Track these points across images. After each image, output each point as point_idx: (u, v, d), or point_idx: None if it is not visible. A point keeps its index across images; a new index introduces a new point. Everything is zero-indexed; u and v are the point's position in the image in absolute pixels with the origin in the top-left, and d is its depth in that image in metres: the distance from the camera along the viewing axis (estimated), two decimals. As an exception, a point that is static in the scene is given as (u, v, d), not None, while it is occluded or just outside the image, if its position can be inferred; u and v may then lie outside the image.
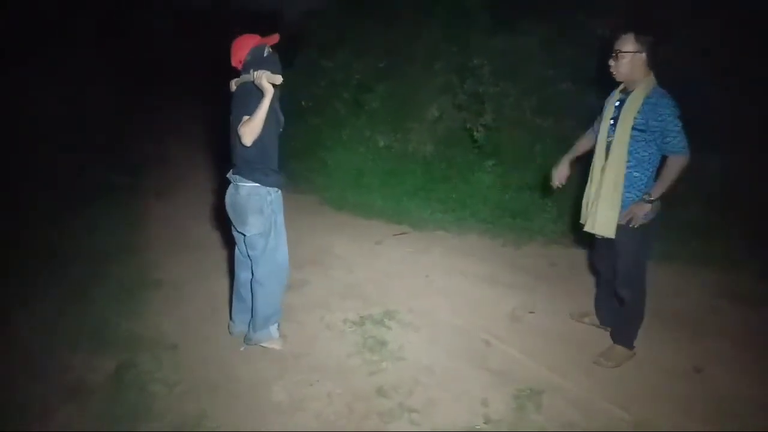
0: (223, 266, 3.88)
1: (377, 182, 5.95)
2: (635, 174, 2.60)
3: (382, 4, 6.59)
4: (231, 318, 3.10)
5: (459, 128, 6.03)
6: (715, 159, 4.52)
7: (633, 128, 2.53)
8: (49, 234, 4.36)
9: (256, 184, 2.60)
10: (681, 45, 4.70)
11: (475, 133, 5.53)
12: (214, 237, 4.41)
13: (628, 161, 2.58)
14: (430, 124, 6.27)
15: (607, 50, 2.69)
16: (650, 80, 2.57)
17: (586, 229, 2.81)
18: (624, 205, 2.62)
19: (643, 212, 2.56)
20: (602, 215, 2.68)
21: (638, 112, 2.52)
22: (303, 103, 6.68)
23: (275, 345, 2.93)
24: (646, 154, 2.56)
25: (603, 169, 2.67)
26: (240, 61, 2.60)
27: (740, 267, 3.81)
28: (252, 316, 2.87)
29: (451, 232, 4.96)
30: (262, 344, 2.90)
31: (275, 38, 2.67)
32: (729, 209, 4.36)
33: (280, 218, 2.78)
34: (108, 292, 3.45)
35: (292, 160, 6.69)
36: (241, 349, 2.93)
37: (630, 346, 2.87)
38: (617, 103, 2.66)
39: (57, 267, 3.80)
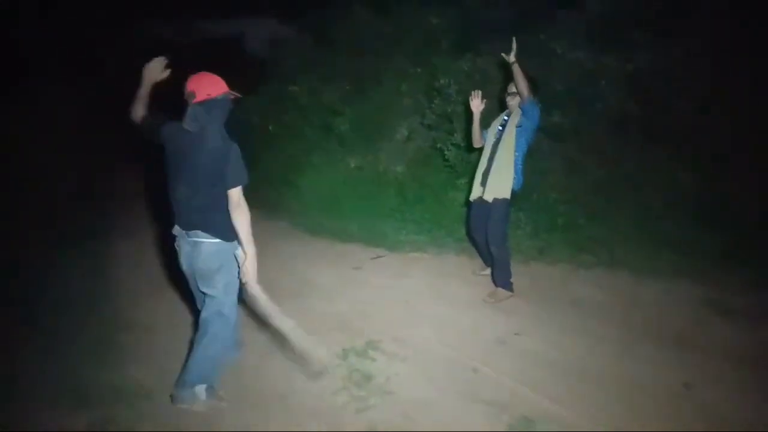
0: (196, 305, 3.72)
1: (351, 206, 5.89)
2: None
3: (345, 30, 6.61)
4: None
5: (429, 148, 6.05)
6: (690, 173, 4.63)
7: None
8: (15, 283, 4.08)
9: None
10: (652, 62, 4.84)
11: (446, 152, 5.54)
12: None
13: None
14: (399, 144, 6.28)
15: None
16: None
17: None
18: None
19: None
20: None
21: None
22: (271, 128, 6.60)
23: None
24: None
25: None
26: (209, 95, 2.47)
27: (721, 280, 3.86)
28: None
29: (429, 253, 4.93)
30: None
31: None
32: (705, 223, 4.44)
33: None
34: (79, 341, 3.23)
35: (264, 186, 6.58)
36: (220, 393, 2.78)
37: (508, 287, 3.84)
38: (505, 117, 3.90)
39: (24, 318, 3.53)
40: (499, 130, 3.89)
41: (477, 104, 3.97)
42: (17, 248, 4.66)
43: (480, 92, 4.00)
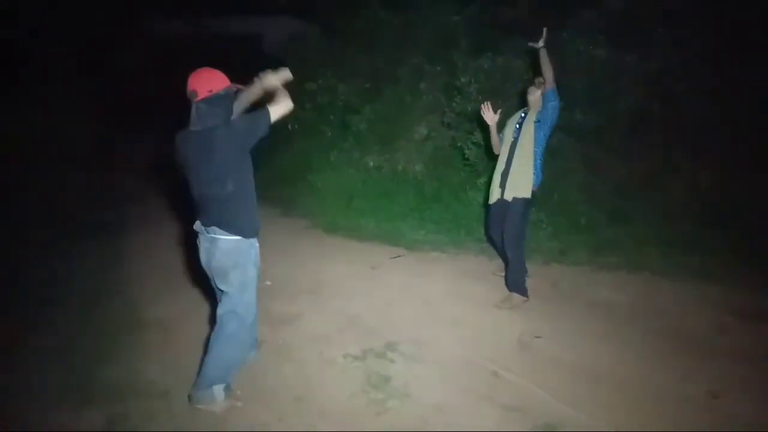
0: (212, 303, 3.72)
1: (369, 204, 5.87)
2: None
3: (362, 27, 6.58)
4: None
5: (448, 146, 6.00)
6: (708, 175, 4.51)
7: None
8: (30, 278, 4.15)
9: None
10: (670, 63, 4.72)
11: (465, 151, 5.48)
12: (199, 271, 4.27)
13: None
14: (418, 143, 6.23)
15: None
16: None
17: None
18: None
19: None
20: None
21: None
22: (289, 126, 6.59)
23: None
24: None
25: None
26: (211, 91, 2.44)
27: (743, 283, 3.75)
28: None
29: (448, 253, 4.87)
30: None
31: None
32: (723, 225, 4.32)
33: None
34: (92, 337, 3.26)
35: (281, 185, 6.60)
36: (237, 392, 2.78)
37: (523, 293, 3.70)
38: (522, 115, 3.79)
39: (38, 314, 3.59)
40: (516, 128, 3.78)
41: (491, 117, 3.85)
42: (18, 247, 4.73)
43: (489, 104, 3.87)
